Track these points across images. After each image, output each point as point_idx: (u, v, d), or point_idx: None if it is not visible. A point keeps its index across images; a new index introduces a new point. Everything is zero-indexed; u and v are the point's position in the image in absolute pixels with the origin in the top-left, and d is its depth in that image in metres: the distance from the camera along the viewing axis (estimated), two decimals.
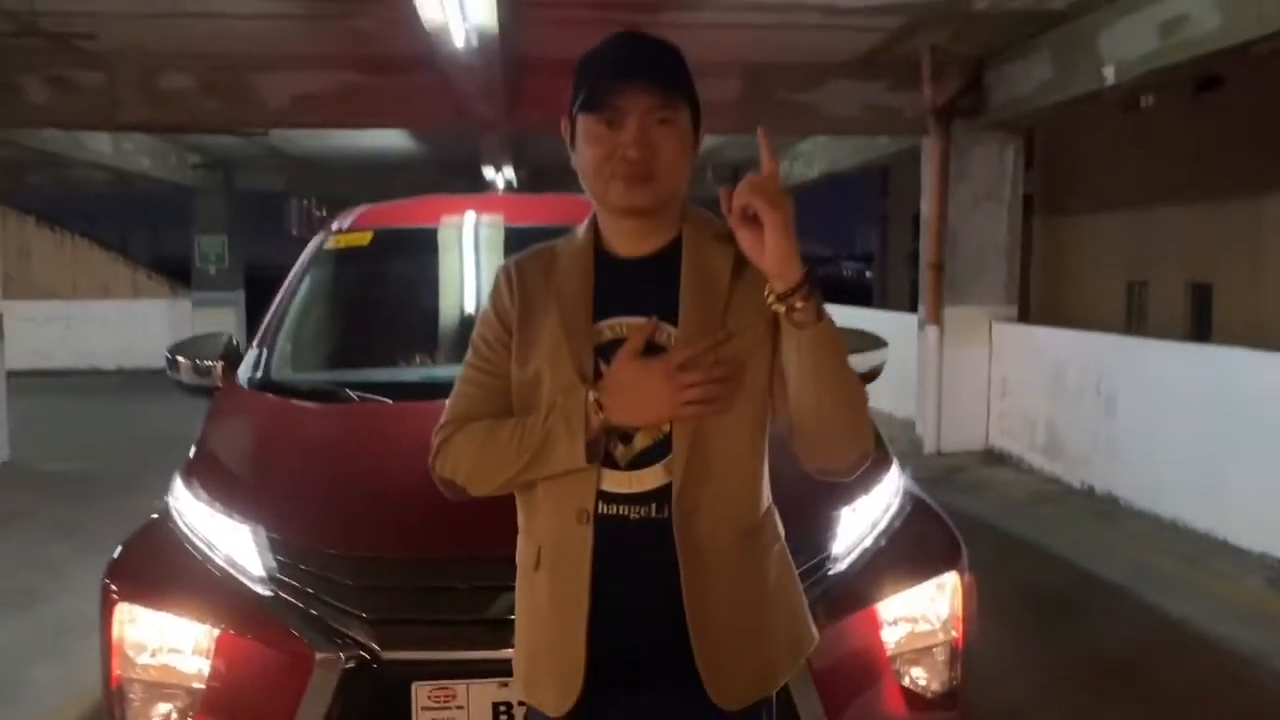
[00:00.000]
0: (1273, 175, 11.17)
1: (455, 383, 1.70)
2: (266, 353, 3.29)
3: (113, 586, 2.43)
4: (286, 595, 2.29)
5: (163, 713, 2.33)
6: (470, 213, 3.88)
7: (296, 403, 3.04)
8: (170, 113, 8.52)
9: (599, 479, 1.57)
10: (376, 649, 2.18)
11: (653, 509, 1.56)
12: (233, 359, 3.31)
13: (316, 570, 2.28)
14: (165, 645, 2.34)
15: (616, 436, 1.57)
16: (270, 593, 2.31)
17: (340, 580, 2.25)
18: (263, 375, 3.21)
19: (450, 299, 3.56)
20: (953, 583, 2.51)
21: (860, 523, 2.50)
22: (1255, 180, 11.21)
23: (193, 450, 2.82)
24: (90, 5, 6.67)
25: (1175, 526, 6.45)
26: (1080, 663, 4.37)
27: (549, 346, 1.60)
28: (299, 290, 3.49)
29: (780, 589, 1.68)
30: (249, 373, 3.22)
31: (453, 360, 2.82)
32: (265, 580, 2.33)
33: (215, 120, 9.07)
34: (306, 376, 3.31)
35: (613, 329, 1.60)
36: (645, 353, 1.55)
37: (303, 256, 3.66)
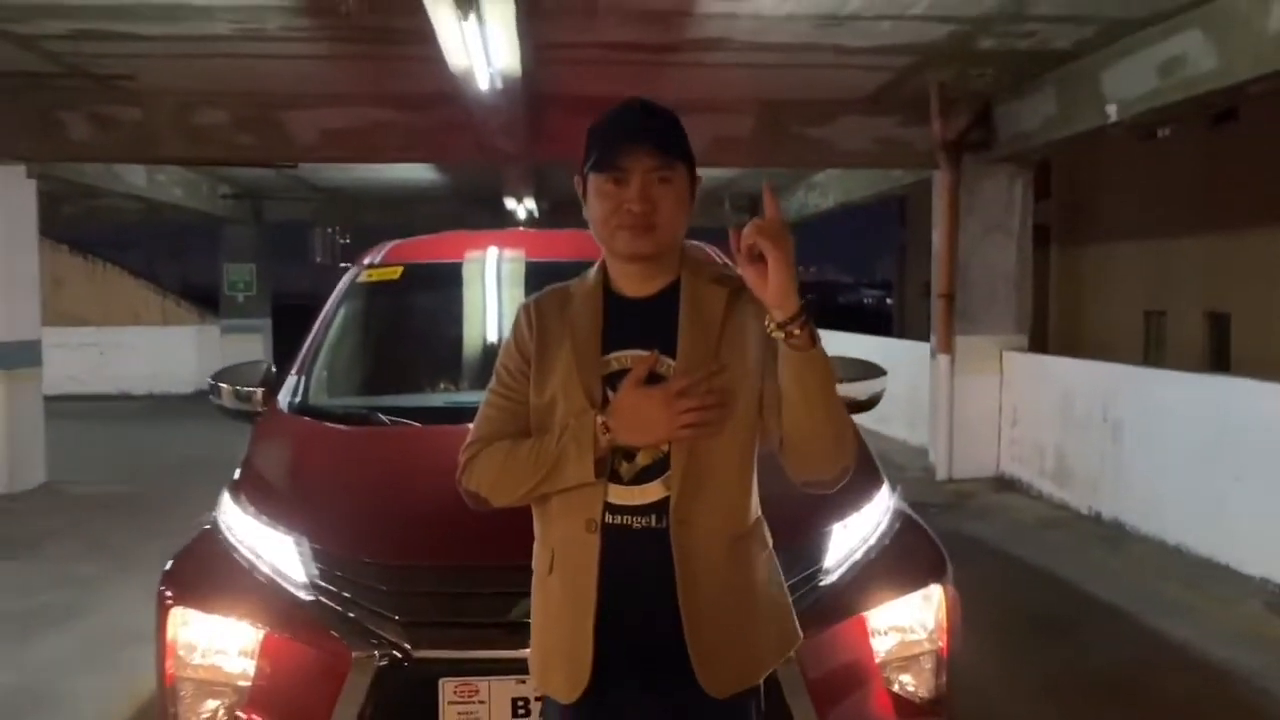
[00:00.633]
0: None
1: (480, 406, 1.93)
2: (305, 380, 3.53)
3: (167, 593, 2.65)
4: (326, 600, 2.52)
5: (211, 708, 2.54)
6: (493, 248, 4.11)
7: (333, 426, 3.28)
8: (204, 147, 8.82)
9: (606, 492, 1.79)
10: (408, 648, 2.40)
11: (653, 519, 1.78)
12: (271, 385, 3.55)
13: (353, 578, 2.51)
14: (215, 646, 2.56)
15: (621, 455, 1.79)
16: (311, 598, 2.54)
17: (375, 587, 2.47)
18: (301, 400, 3.46)
19: (474, 330, 3.80)
20: (938, 595, 2.69)
21: (851, 538, 2.69)
22: (1273, 211, 11.20)
23: (238, 469, 3.05)
24: (131, 48, 6.92)
25: (1179, 551, 6.56)
26: (1079, 681, 4.50)
27: (563, 375, 1.82)
28: (334, 321, 3.74)
29: (767, 591, 1.89)
30: (289, 398, 3.47)
31: (476, 387, 3.05)
32: (307, 587, 2.56)
33: (247, 155, 9.35)
34: (341, 402, 3.55)
35: (619, 360, 1.83)
36: (647, 382, 1.77)
37: (337, 290, 3.90)
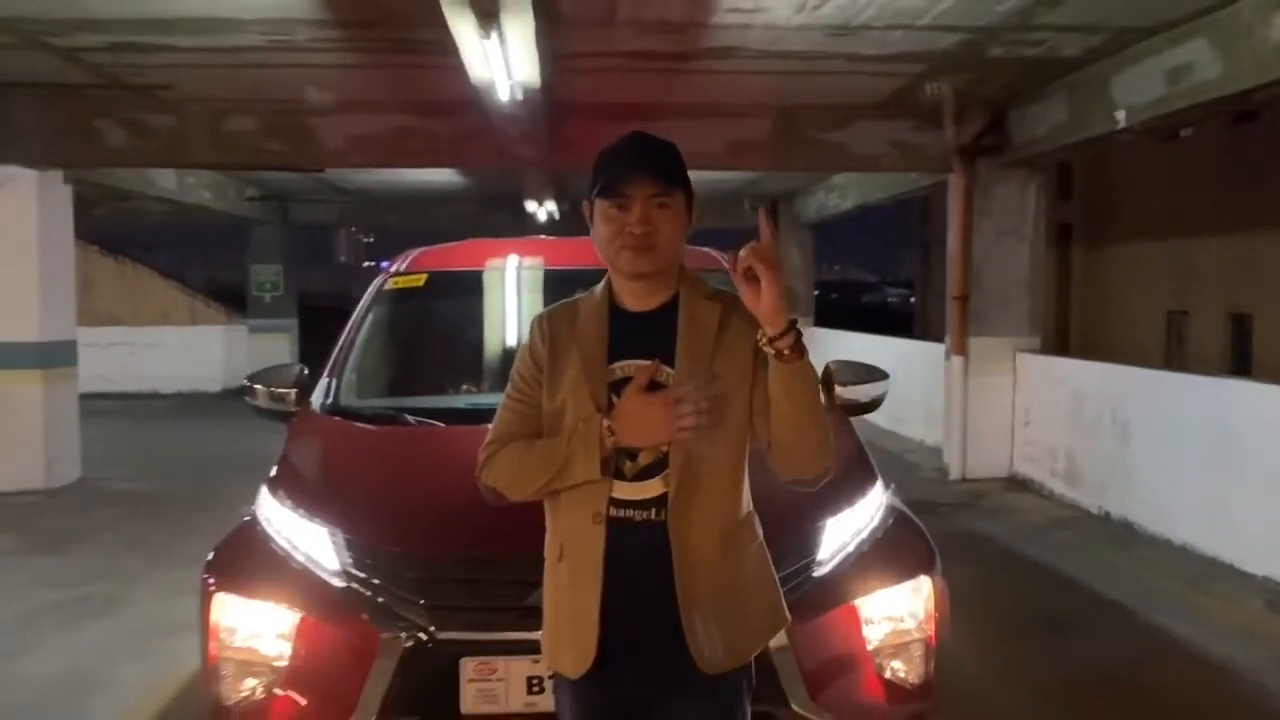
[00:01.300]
0: None
1: (498, 409, 2.12)
2: (336, 382, 3.75)
3: (210, 580, 2.87)
4: (357, 586, 2.73)
5: (250, 686, 2.76)
6: (514, 256, 4.31)
7: (362, 425, 3.50)
8: (234, 153, 9.09)
9: (610, 488, 1.97)
10: (432, 630, 2.61)
11: (653, 513, 1.97)
12: (304, 387, 3.76)
13: (382, 566, 2.72)
14: (254, 629, 2.77)
15: (625, 455, 1.97)
16: (343, 584, 2.76)
17: (402, 574, 2.69)
18: (333, 401, 3.68)
19: (495, 335, 4.00)
20: (927, 586, 2.87)
21: (844, 531, 2.88)
22: None
23: (275, 466, 3.27)
24: (167, 58, 7.15)
25: (1185, 551, 6.69)
26: (1081, 676, 4.63)
27: (572, 383, 2.01)
28: (363, 326, 3.95)
29: (757, 578, 2.08)
30: (321, 399, 3.69)
31: (495, 389, 3.24)
32: (339, 574, 2.77)
33: (276, 160, 9.62)
34: (370, 403, 3.77)
35: (623, 369, 2.01)
36: (648, 389, 1.96)
37: (365, 296, 4.12)
